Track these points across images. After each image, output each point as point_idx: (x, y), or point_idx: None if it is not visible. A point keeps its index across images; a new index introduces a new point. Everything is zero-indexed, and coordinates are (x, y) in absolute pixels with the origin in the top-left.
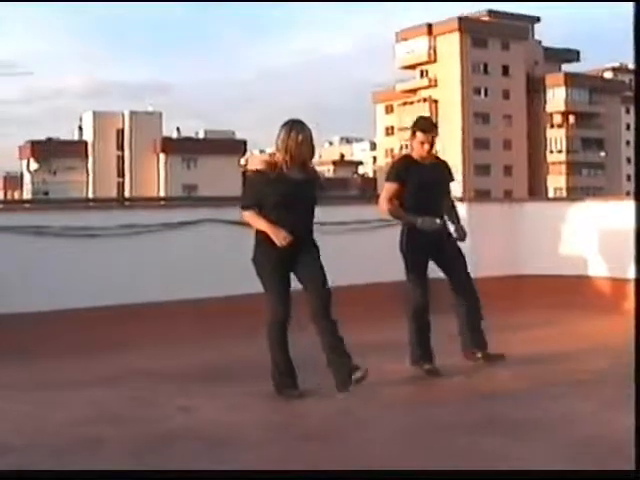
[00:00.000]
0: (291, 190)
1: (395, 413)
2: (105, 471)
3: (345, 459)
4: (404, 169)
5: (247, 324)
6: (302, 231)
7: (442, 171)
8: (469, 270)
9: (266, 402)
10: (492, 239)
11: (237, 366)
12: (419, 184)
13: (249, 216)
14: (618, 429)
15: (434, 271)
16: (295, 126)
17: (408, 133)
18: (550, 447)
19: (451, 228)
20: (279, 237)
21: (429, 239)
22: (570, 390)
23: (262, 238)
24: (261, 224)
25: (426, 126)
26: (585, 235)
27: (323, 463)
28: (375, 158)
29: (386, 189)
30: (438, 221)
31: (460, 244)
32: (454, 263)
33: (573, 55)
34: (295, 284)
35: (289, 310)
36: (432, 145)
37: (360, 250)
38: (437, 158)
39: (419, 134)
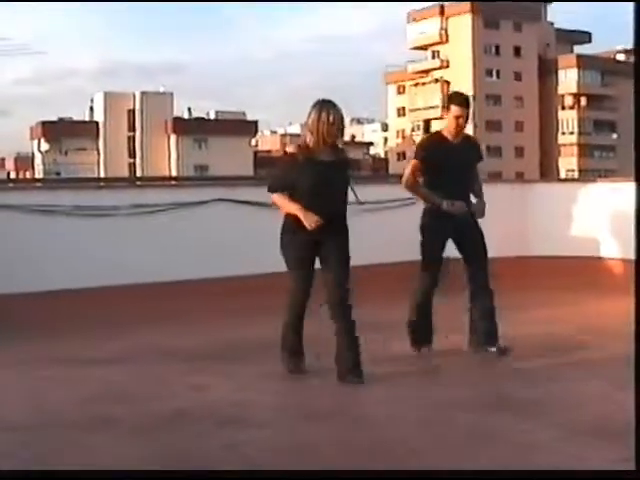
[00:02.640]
0: (322, 173)
1: (405, 392)
2: (105, 471)
3: (355, 439)
4: (432, 147)
5: (259, 304)
6: (332, 214)
7: (471, 151)
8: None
9: (278, 382)
10: (503, 220)
11: (250, 345)
12: (446, 163)
13: (278, 198)
14: (629, 409)
15: (450, 250)
16: (326, 106)
17: (419, 114)
18: (558, 426)
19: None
20: (309, 220)
21: (451, 222)
22: (580, 370)
23: (290, 221)
24: (291, 207)
25: (461, 100)
26: (596, 216)
27: (333, 443)
28: (386, 139)
29: (411, 165)
30: (463, 204)
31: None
32: (474, 252)
33: (585, 37)
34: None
35: (309, 294)
36: (466, 121)
37: (374, 230)
38: (468, 137)
39: (454, 108)
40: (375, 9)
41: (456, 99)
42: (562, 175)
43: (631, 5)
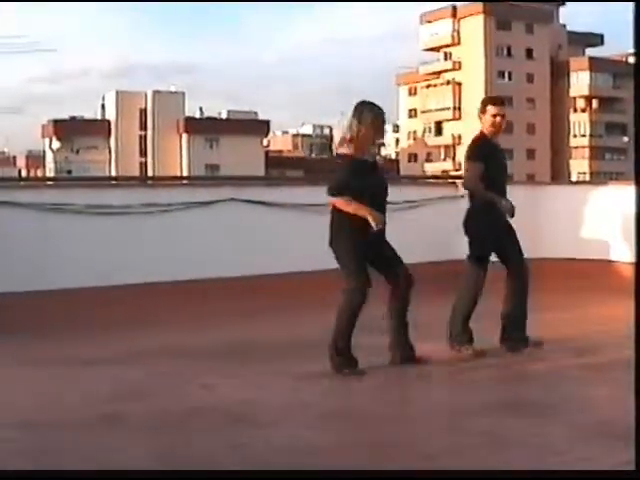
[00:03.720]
0: (376, 174)
1: (418, 394)
2: (106, 471)
3: (364, 440)
4: (488, 148)
5: (270, 303)
6: (384, 214)
7: (504, 152)
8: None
9: (289, 381)
10: (513, 222)
11: (261, 345)
12: (498, 165)
13: (343, 201)
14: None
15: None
16: (377, 109)
17: (431, 115)
18: (567, 429)
19: None
20: (377, 220)
21: (502, 222)
22: (587, 374)
23: (348, 223)
24: (359, 209)
25: (497, 99)
26: (607, 219)
27: (341, 443)
28: (398, 140)
29: (475, 168)
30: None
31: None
32: (513, 248)
33: (597, 39)
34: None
35: (367, 294)
36: (503, 119)
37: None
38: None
39: (490, 107)
40: (388, 10)
41: (491, 99)
42: (573, 177)
43: (631, 4)
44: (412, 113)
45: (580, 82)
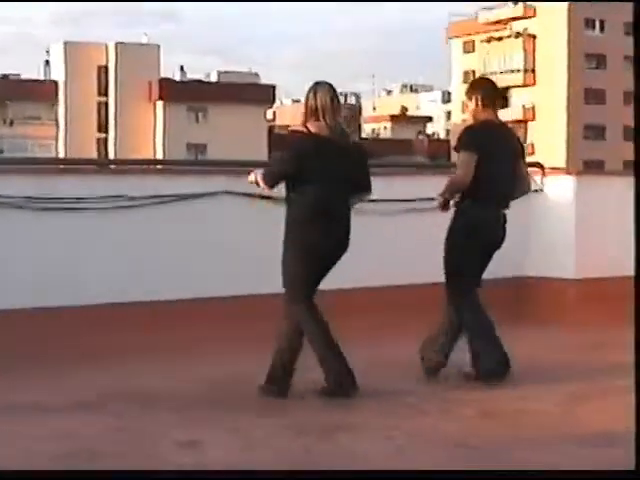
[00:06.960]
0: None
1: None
2: (106, 471)
3: None
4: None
5: (259, 331)
6: None
7: None
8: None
9: (290, 436)
10: (602, 227)
11: (249, 386)
12: None
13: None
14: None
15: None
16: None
17: (494, 80)
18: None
19: None
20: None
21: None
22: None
23: None
24: None
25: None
26: None
27: None
28: (449, 113)
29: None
30: None
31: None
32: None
33: None
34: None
35: None
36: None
37: (422, 238)
38: None
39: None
40: None
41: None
42: None
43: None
44: (468, 76)
45: None
